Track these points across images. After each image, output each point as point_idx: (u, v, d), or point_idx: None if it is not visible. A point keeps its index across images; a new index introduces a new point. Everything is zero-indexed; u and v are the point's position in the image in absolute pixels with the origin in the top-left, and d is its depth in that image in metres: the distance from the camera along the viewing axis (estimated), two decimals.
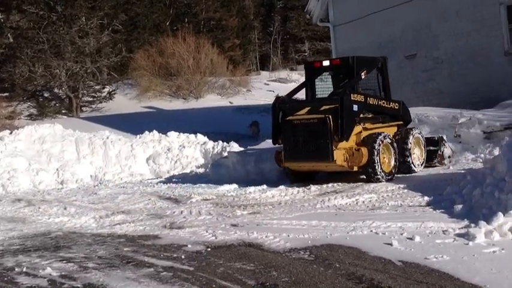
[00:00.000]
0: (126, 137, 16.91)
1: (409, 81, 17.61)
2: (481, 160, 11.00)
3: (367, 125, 10.64)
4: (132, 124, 23.44)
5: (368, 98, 10.68)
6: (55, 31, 30.38)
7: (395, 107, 11.33)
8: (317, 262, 5.62)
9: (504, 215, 6.04)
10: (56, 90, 32.20)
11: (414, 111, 13.32)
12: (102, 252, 6.66)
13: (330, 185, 10.18)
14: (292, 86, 41.06)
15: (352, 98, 10.16)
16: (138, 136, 16.53)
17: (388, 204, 8.10)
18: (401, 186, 9.26)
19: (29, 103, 30.86)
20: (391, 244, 5.92)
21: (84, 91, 31.84)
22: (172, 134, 16.44)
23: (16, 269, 6.07)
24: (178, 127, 18.38)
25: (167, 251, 6.53)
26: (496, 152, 10.40)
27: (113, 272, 5.77)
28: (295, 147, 10.29)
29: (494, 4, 15.09)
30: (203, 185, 11.85)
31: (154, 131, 16.61)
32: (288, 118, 10.51)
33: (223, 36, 44.81)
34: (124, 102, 33.41)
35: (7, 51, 31.12)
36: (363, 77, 10.76)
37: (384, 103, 11.10)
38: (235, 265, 5.72)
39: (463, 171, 9.75)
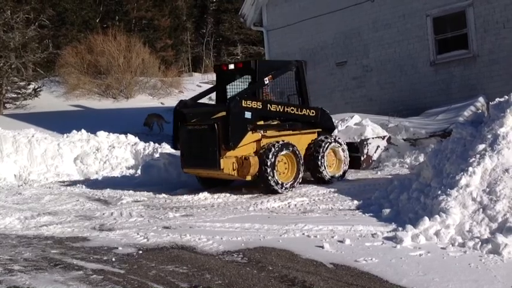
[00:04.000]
0: (52, 135, 16.37)
1: (339, 88, 18.02)
2: (407, 166, 11.41)
3: (271, 133, 10.29)
4: (59, 123, 22.76)
5: (269, 105, 10.26)
6: None
7: (311, 114, 10.88)
8: (250, 265, 5.64)
9: (430, 219, 6.28)
10: None
11: (344, 117, 13.65)
12: (28, 254, 6.42)
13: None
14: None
15: (243, 105, 9.79)
16: (65, 135, 16.06)
17: (319, 207, 8.25)
18: (332, 190, 9.45)
19: None
20: (322, 247, 6.03)
21: (8, 87, 30.48)
22: (102, 134, 16.07)
23: None
24: (108, 127, 18.01)
25: (97, 253, 6.38)
26: (421, 158, 10.84)
27: (40, 274, 5.57)
28: (190, 153, 10.17)
29: (421, 16, 15.69)
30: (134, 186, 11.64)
31: (83, 130, 16.19)
32: (184, 124, 10.34)
33: (155, 36, 44.31)
34: (50, 99, 32.34)
35: None
36: (266, 82, 10.32)
37: (293, 110, 10.60)
38: (168, 268, 5.65)
39: (390, 177, 10.08)
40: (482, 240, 5.77)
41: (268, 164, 9.67)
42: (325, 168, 10.54)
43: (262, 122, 10.28)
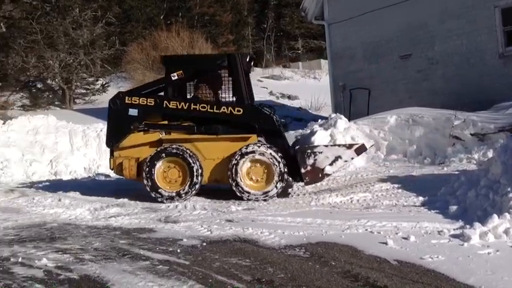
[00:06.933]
0: None
1: (403, 81, 17.68)
2: (474, 162, 11.06)
3: (177, 135, 9.39)
4: None
5: (166, 102, 9.29)
6: (48, 22, 30.11)
7: (237, 113, 9.24)
8: (312, 259, 5.65)
9: (499, 217, 6.10)
10: (49, 81, 31.92)
11: (409, 111, 13.40)
12: (98, 244, 6.66)
13: (324, 182, 10.19)
14: (286, 83, 40.95)
15: (126, 101, 9.25)
16: None
17: (382, 203, 8.15)
18: (396, 185, 9.30)
19: (21, 94, 30.49)
20: (386, 243, 5.97)
21: (78, 83, 31.58)
22: None
23: (12, 259, 6.03)
24: None
25: (163, 244, 6.54)
26: (490, 154, 10.49)
27: (109, 264, 5.77)
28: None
29: (489, 7, 15.18)
30: None
31: None
32: None
33: (217, 32, 44.69)
34: None
35: (0, 40, 30.85)
36: (174, 78, 9.36)
37: (204, 107, 9.24)
38: (231, 260, 5.74)
39: (457, 173, 9.80)
40: None
41: (146, 168, 9.12)
42: (235, 181, 9.10)
43: (166, 122, 9.50)
